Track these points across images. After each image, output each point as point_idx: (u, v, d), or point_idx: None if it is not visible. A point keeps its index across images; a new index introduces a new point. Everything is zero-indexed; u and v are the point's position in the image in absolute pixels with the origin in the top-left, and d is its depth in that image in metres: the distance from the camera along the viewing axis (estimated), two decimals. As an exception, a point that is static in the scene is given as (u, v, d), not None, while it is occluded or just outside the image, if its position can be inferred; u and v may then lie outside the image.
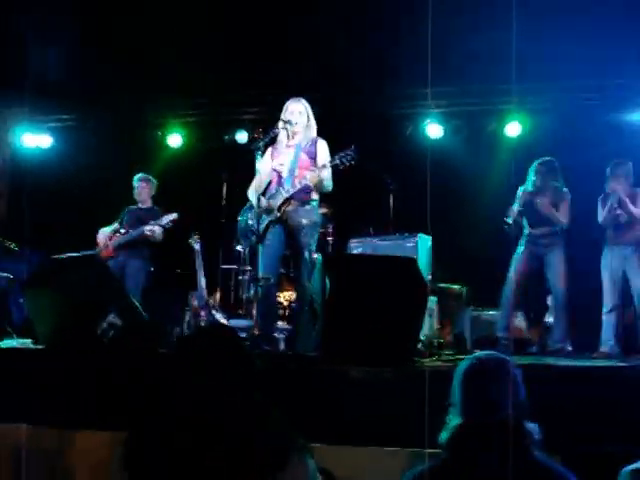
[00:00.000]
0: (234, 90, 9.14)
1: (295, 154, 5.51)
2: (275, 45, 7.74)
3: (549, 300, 6.94)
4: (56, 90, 8.57)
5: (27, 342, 5.37)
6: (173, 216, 7.14)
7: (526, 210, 6.41)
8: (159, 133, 9.54)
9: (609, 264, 6.17)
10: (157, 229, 7.07)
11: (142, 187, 7.48)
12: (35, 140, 9.35)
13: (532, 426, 2.29)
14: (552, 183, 6.43)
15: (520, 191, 6.45)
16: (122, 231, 7.20)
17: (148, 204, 7.49)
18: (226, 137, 9.13)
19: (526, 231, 6.47)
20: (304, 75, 7.80)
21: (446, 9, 5.45)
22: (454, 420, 2.33)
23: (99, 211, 7.92)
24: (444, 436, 2.31)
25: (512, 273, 6.37)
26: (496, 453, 2.17)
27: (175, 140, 9.44)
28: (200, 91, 9.04)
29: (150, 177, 7.57)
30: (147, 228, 7.03)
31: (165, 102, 9.37)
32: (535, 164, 6.50)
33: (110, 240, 7.20)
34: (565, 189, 6.43)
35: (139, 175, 7.54)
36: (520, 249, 6.44)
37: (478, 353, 2.47)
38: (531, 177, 6.48)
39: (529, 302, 6.96)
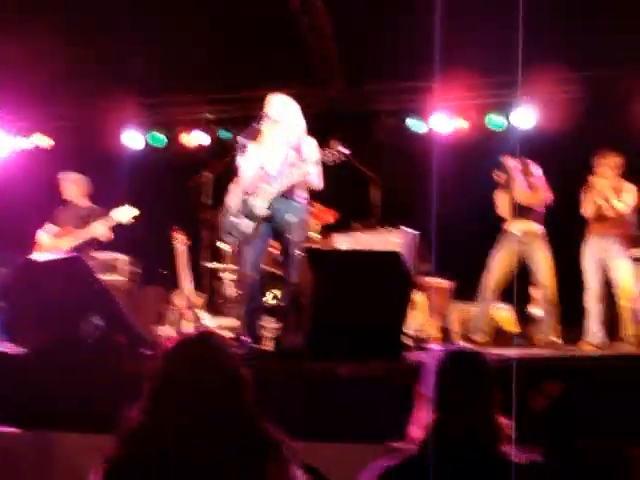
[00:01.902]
0: (215, 87, 9.15)
1: (282, 151, 5.45)
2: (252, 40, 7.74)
3: (534, 292, 6.93)
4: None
5: (8, 346, 5.30)
6: (134, 212, 6.90)
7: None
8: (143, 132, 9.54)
9: (592, 254, 6.18)
10: (109, 232, 6.88)
11: (74, 186, 7.22)
12: None
13: (506, 422, 2.25)
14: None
15: None
16: (75, 230, 6.90)
17: (85, 203, 7.23)
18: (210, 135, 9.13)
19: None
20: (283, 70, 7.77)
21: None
22: (425, 414, 2.29)
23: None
24: (415, 431, 2.27)
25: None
26: (467, 449, 2.15)
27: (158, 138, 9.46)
28: (185, 88, 9.05)
29: (81, 175, 7.30)
30: (99, 228, 6.78)
31: (145, 100, 9.36)
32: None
33: (56, 239, 7.02)
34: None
35: (70, 174, 7.28)
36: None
37: (452, 347, 2.44)
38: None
39: (515, 294, 6.95)
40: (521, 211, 6.37)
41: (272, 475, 1.93)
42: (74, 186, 7.21)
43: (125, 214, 6.84)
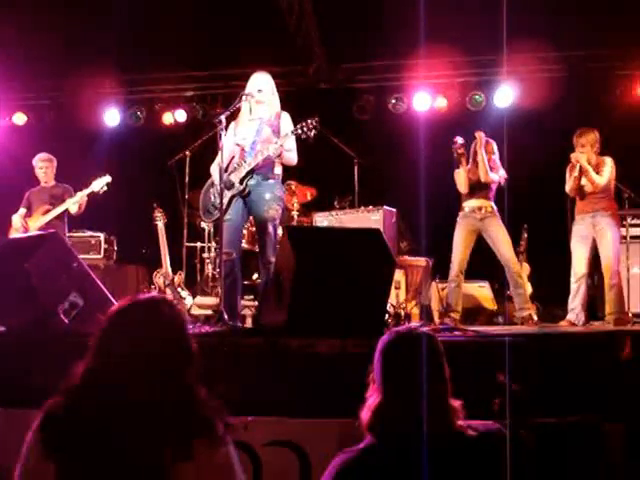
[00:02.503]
0: (196, 65, 9.09)
1: (258, 127, 5.44)
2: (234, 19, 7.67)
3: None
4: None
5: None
6: (107, 179, 6.99)
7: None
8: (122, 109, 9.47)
9: (581, 233, 6.20)
10: (83, 204, 6.95)
11: (47, 167, 7.25)
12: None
13: (457, 403, 2.24)
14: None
15: None
16: (49, 207, 6.96)
17: (53, 183, 7.27)
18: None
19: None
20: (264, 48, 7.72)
21: None
22: (374, 398, 2.27)
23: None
24: (366, 416, 2.25)
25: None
26: (416, 430, 2.12)
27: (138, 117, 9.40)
28: (165, 65, 8.98)
29: (52, 156, 7.34)
30: (73, 201, 6.87)
31: (124, 77, 9.29)
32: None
33: (27, 219, 7.00)
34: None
35: (42, 155, 7.30)
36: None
37: (399, 327, 2.41)
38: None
39: (493, 272, 6.99)
40: (477, 189, 6.41)
41: (199, 450, 1.94)
42: (43, 167, 7.20)
43: (99, 183, 6.86)
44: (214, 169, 5.52)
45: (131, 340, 2.01)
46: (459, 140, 6.47)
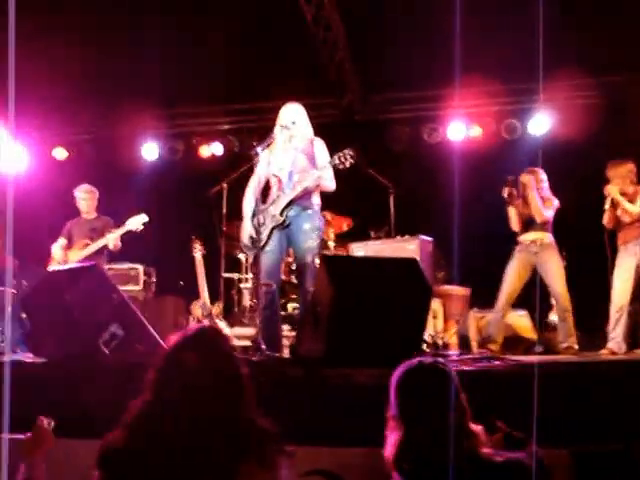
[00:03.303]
0: (232, 99, 9.22)
1: (293, 157, 5.49)
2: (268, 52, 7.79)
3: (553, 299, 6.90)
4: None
5: (29, 356, 5.33)
6: (144, 218, 7.01)
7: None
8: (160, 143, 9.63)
9: (622, 262, 6.13)
10: (119, 241, 6.99)
11: (89, 198, 7.34)
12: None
13: (478, 428, 2.23)
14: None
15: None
16: (89, 242, 7.04)
17: (94, 215, 7.37)
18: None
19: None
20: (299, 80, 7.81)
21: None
22: (395, 434, 2.26)
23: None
24: (390, 453, 2.24)
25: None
26: (444, 461, 2.11)
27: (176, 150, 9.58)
28: (202, 100, 9.12)
29: (94, 188, 7.43)
30: (107, 237, 6.93)
31: (162, 111, 9.45)
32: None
33: (66, 252, 7.09)
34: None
35: (85, 186, 7.40)
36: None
37: (409, 362, 2.39)
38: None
39: (533, 301, 6.92)
40: (533, 222, 6.38)
41: (242, 476, 1.95)
42: (86, 199, 7.31)
43: (136, 221, 6.91)
44: (250, 200, 5.57)
45: (186, 378, 2.04)
46: (506, 190, 6.44)
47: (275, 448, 2.05)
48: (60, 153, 9.77)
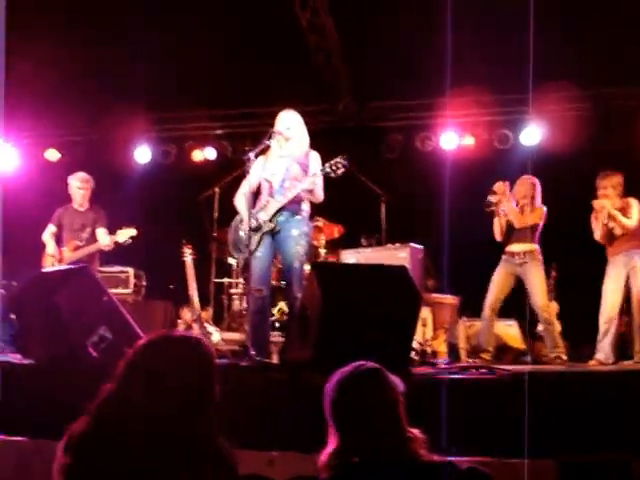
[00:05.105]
0: (226, 104, 9.22)
1: (287, 165, 5.50)
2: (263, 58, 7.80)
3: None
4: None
5: (17, 357, 5.32)
6: (132, 232, 6.87)
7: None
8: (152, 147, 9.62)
9: (612, 274, 6.15)
10: (112, 244, 6.88)
11: (85, 188, 7.13)
12: None
13: (416, 432, 2.20)
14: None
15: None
16: (79, 243, 6.95)
17: (87, 206, 7.16)
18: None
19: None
20: (293, 87, 7.82)
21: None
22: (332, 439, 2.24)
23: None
24: (323, 458, 2.22)
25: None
26: (377, 463, 2.11)
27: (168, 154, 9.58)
28: (195, 104, 9.13)
29: (90, 177, 7.20)
30: (104, 245, 6.86)
31: (155, 115, 9.45)
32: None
33: (61, 250, 7.02)
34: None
35: (82, 175, 7.19)
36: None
37: (342, 369, 2.35)
38: None
39: (521, 310, 6.95)
40: (516, 232, 6.39)
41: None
42: (81, 188, 7.14)
43: (124, 234, 6.83)
44: (239, 199, 5.58)
45: (152, 373, 2.04)
46: (491, 196, 6.46)
47: (226, 471, 2.06)
48: (52, 154, 9.76)
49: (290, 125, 5.54)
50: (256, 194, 5.54)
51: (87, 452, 1.98)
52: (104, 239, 6.87)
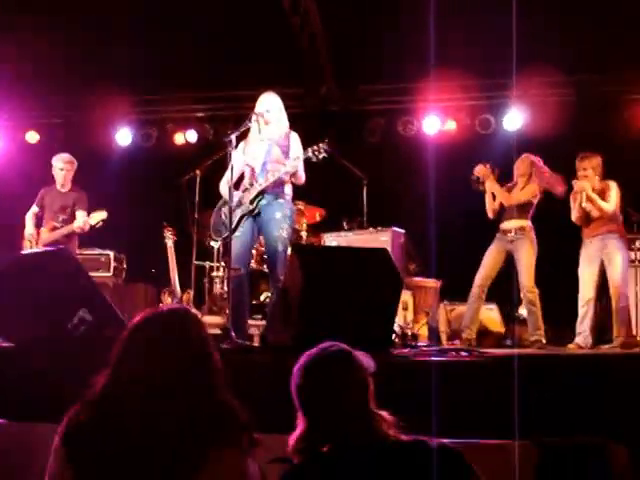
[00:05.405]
0: (208, 86, 9.17)
1: (267, 148, 5.49)
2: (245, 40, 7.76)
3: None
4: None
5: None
6: (103, 215, 6.76)
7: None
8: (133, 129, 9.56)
9: (589, 257, 6.16)
10: (87, 226, 6.76)
11: (68, 169, 7.01)
12: None
13: (384, 413, 2.18)
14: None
15: None
16: (56, 224, 6.85)
17: (68, 187, 7.05)
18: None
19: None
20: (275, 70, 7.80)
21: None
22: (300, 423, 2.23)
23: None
24: (291, 441, 2.22)
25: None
26: (345, 444, 2.10)
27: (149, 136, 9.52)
28: (177, 86, 9.08)
29: (73, 158, 7.08)
30: (77, 226, 6.73)
31: (136, 97, 9.39)
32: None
33: (39, 231, 6.95)
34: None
35: (65, 156, 7.07)
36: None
37: (310, 350, 2.31)
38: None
39: (502, 295, 6.98)
40: (509, 209, 6.39)
41: (212, 461, 1.93)
42: (64, 169, 7.04)
43: (95, 218, 6.75)
44: (223, 186, 5.58)
45: (149, 353, 2.02)
46: (474, 175, 6.48)
47: (246, 433, 2.03)
48: (32, 137, 9.68)
49: (270, 108, 5.53)
50: (239, 179, 5.54)
51: (87, 437, 1.96)
52: (78, 221, 6.79)
